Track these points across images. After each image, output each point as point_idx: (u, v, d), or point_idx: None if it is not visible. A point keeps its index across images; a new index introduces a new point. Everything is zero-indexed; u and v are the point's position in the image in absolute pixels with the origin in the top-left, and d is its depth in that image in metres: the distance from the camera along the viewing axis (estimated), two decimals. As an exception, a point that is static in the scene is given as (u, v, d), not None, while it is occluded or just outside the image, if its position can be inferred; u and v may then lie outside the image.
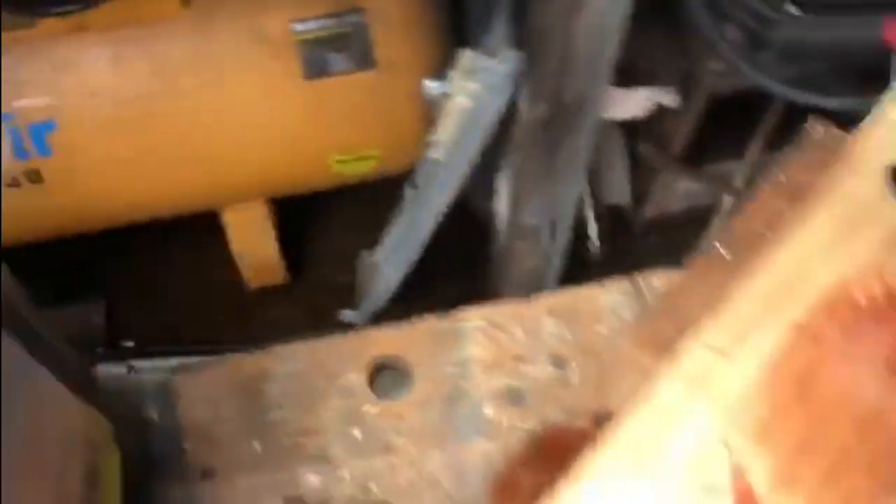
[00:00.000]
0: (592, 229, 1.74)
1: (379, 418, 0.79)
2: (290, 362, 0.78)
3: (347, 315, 1.79)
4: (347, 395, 0.81)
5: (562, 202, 1.46)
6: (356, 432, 0.79)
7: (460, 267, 1.88)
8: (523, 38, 1.26)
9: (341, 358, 0.82)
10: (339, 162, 1.60)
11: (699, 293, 0.59)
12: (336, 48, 1.48)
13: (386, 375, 0.80)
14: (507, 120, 1.40)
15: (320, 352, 0.79)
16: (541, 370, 0.77)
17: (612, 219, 1.80)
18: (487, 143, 1.46)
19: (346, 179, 1.71)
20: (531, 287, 1.44)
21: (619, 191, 1.77)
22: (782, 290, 0.59)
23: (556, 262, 1.58)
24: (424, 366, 0.81)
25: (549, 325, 0.79)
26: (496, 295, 1.47)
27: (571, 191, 1.44)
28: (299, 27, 1.46)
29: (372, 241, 1.77)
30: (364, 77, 1.50)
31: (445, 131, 1.41)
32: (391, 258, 1.65)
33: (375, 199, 1.90)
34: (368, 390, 0.81)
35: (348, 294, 1.86)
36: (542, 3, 1.18)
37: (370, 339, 0.83)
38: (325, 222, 2.02)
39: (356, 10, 1.46)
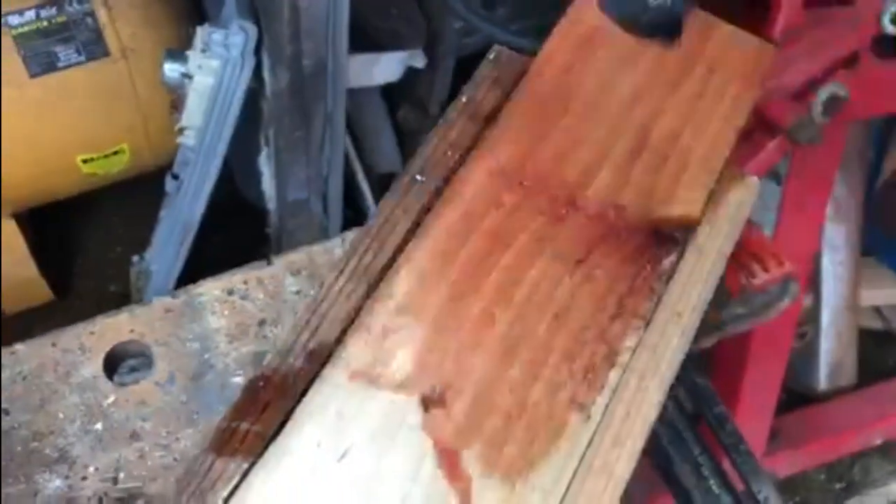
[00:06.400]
0: (367, 199, 1.74)
1: (121, 408, 0.75)
2: (13, 366, 0.72)
3: (126, 324, 1.69)
4: (85, 391, 0.75)
5: (327, 173, 1.45)
6: (98, 426, 0.74)
7: (241, 256, 1.83)
8: (254, 7, 1.23)
9: (73, 352, 0.76)
10: (85, 162, 1.49)
11: (402, 221, 0.60)
12: (60, 40, 1.37)
13: (126, 362, 0.76)
14: (258, 95, 1.36)
15: (48, 350, 0.73)
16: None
17: (385, 188, 1.81)
18: (244, 123, 1.42)
19: (101, 180, 1.60)
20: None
21: (389, 158, 1.78)
22: (472, 207, 0.61)
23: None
24: (164, 346, 0.77)
25: (291, 285, 0.77)
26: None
27: (335, 160, 1.43)
28: (14, 21, 1.34)
29: (144, 243, 1.68)
30: (98, 67, 1.41)
31: (193, 114, 1.35)
32: (161, 256, 1.57)
33: (143, 198, 1.80)
34: (107, 381, 0.76)
35: (125, 303, 1.76)
36: (263, -31, 1.15)
37: (104, 328, 0.78)
38: (90, 231, 1.90)
39: (76, -4, 1.37)
